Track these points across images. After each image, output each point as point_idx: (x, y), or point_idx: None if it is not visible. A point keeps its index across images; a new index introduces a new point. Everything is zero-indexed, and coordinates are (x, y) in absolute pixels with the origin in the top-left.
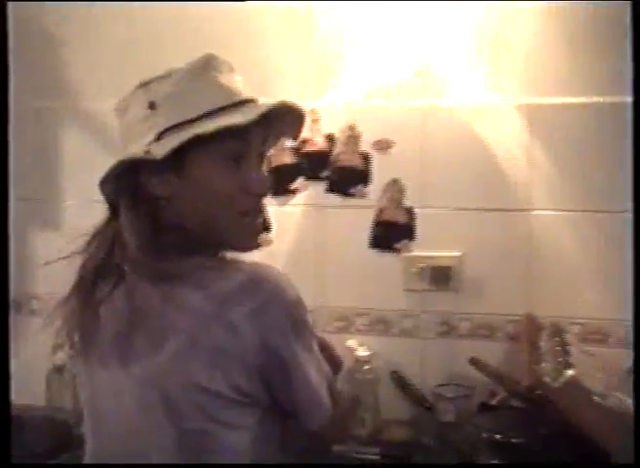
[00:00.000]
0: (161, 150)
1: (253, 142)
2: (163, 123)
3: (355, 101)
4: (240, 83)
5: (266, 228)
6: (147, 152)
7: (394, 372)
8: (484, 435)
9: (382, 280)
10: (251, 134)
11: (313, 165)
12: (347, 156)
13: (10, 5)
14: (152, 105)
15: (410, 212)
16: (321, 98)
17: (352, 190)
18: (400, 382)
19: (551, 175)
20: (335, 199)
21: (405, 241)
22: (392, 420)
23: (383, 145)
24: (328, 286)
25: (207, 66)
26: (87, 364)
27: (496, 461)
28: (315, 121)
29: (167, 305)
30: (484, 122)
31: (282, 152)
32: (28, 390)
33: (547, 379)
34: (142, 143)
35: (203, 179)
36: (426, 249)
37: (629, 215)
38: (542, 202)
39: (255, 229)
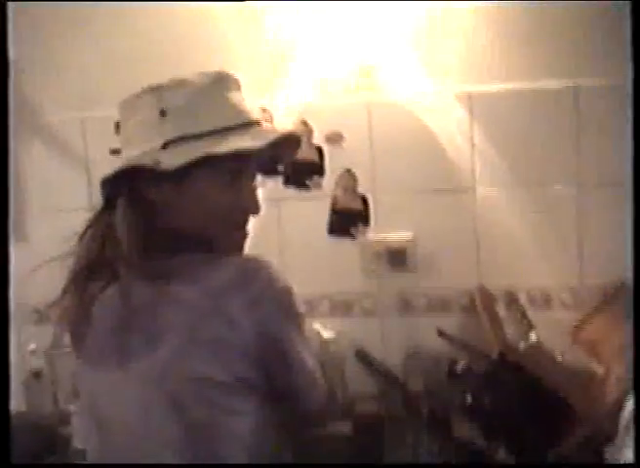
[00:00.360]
0: (172, 163)
1: (252, 163)
2: (172, 133)
3: (305, 99)
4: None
5: None
6: (157, 162)
7: (359, 350)
8: (457, 399)
9: (342, 264)
10: (253, 155)
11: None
12: (302, 150)
13: (10, 5)
14: (163, 113)
15: (363, 199)
16: (272, 97)
17: (308, 182)
18: (365, 359)
19: (492, 155)
20: (292, 191)
21: (360, 226)
22: (360, 395)
23: (335, 138)
24: (291, 273)
25: (220, 83)
26: (85, 363)
27: (468, 423)
28: (268, 120)
29: (162, 302)
30: (427, 111)
31: None
32: None
33: (515, 344)
34: (147, 148)
35: (200, 193)
36: (381, 232)
37: (566, 189)
38: (485, 181)
39: (242, 239)
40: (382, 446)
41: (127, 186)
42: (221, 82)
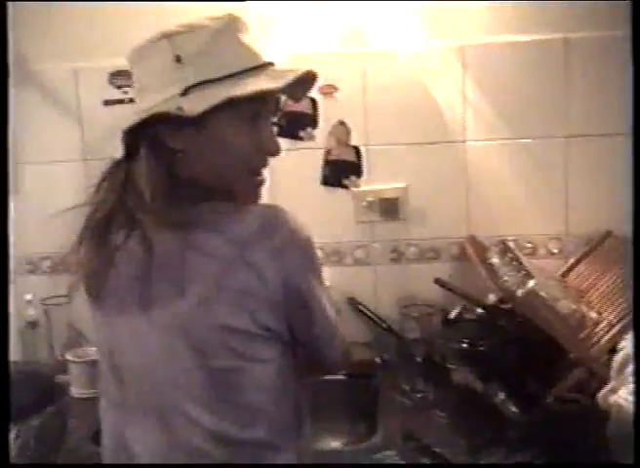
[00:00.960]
0: (194, 108)
1: (270, 104)
2: (190, 79)
3: (298, 50)
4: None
5: None
6: (180, 108)
7: (351, 299)
8: (454, 346)
9: (335, 215)
10: (270, 96)
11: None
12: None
13: (10, 5)
14: (179, 59)
15: (356, 150)
16: (265, 50)
17: (302, 133)
18: (357, 308)
19: (483, 108)
20: (286, 143)
21: (353, 177)
22: (354, 343)
23: (328, 90)
24: None
25: (232, 26)
26: (104, 312)
27: (467, 368)
28: None
29: (186, 251)
30: (420, 63)
31: None
32: None
33: (513, 291)
34: (166, 96)
35: (221, 137)
36: (374, 183)
37: (554, 140)
38: (476, 133)
39: (259, 185)
40: (377, 392)
41: (148, 135)
42: (234, 25)
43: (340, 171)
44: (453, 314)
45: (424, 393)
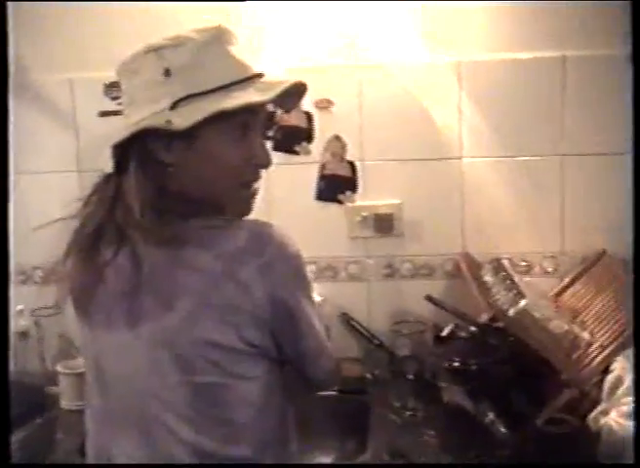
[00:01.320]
0: (183, 122)
1: (260, 116)
2: (179, 92)
3: (293, 64)
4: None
5: None
6: (169, 122)
7: (344, 314)
8: (445, 364)
9: (329, 230)
10: (260, 108)
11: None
12: (291, 116)
13: (10, 5)
14: (167, 73)
15: (352, 165)
16: (259, 63)
17: (297, 148)
18: (350, 323)
19: (479, 125)
20: (281, 157)
21: (348, 192)
22: (346, 358)
23: (324, 104)
24: None
25: (221, 38)
26: (91, 325)
27: (458, 386)
28: None
29: (174, 267)
30: (416, 79)
31: None
32: None
33: (505, 310)
34: (155, 109)
35: (212, 150)
36: (368, 198)
37: (550, 158)
38: (471, 150)
39: (251, 198)
40: (368, 408)
41: (138, 149)
42: (222, 37)
43: (335, 186)
44: (445, 332)
45: (415, 411)
